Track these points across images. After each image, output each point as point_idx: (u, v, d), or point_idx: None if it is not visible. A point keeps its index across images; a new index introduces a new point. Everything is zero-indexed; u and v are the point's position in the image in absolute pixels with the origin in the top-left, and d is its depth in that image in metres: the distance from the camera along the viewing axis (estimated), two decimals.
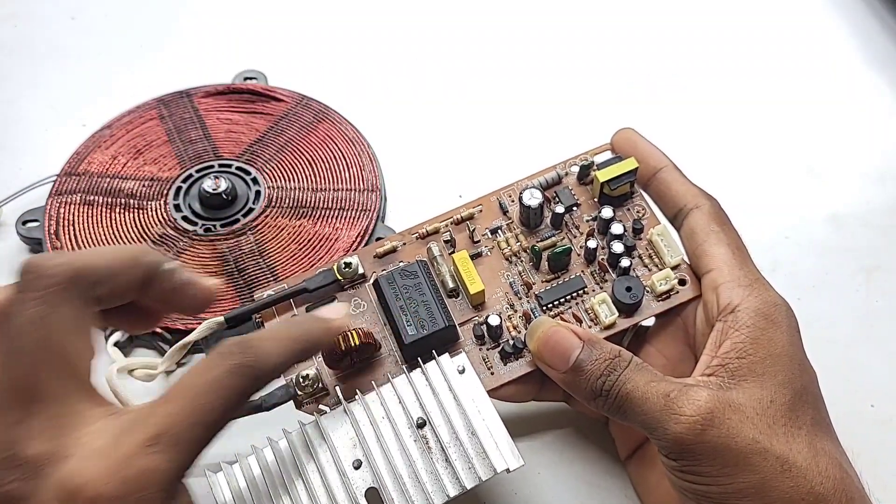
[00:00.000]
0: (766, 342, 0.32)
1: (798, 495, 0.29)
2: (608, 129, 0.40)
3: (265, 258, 0.45)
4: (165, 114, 0.52)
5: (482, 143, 0.53)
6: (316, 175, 0.49)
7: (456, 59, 0.58)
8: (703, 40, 0.59)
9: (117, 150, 0.50)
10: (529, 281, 0.37)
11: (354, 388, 0.34)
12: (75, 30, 0.59)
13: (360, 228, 0.47)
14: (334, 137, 0.51)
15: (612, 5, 0.61)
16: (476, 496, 0.38)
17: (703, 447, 0.30)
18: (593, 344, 0.32)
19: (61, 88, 0.56)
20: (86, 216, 0.47)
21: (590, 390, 0.32)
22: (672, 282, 0.36)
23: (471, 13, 0.61)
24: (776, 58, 0.57)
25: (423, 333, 0.34)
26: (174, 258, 0.31)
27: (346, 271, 0.36)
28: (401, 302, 0.35)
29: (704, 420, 0.30)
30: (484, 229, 0.38)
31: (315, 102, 0.53)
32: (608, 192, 0.38)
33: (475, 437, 0.32)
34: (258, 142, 0.51)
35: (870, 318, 0.44)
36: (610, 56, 0.58)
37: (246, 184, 0.49)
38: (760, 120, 0.54)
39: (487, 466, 0.32)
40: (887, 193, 0.50)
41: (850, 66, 0.57)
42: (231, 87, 0.54)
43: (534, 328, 0.34)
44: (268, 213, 0.47)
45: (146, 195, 0.48)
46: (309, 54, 0.58)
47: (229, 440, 0.37)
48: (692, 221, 0.36)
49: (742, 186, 0.50)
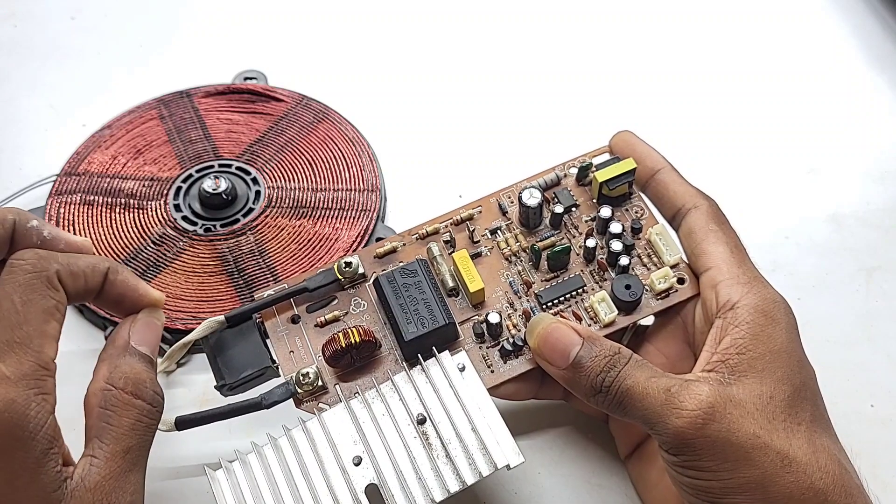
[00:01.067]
0: (765, 338, 0.32)
1: (798, 490, 0.30)
2: (607, 129, 0.40)
3: (265, 258, 0.45)
4: (165, 114, 0.52)
5: (482, 143, 0.53)
6: (316, 175, 0.49)
7: (456, 60, 0.58)
8: (702, 40, 0.59)
9: (117, 150, 0.50)
10: (529, 280, 0.37)
11: (355, 386, 0.34)
12: (75, 30, 0.59)
13: (360, 228, 0.47)
14: (334, 137, 0.51)
15: (611, 5, 0.61)
16: (476, 496, 0.38)
17: (704, 441, 0.30)
18: (593, 341, 0.32)
19: (61, 88, 0.56)
20: (86, 216, 0.47)
21: (589, 387, 0.32)
22: (671, 280, 0.36)
23: (470, 14, 0.61)
24: (776, 58, 0.57)
25: (423, 331, 0.34)
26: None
27: (346, 271, 0.36)
28: (401, 300, 0.35)
29: (705, 414, 0.30)
30: (483, 230, 0.38)
31: (315, 102, 0.53)
32: (607, 193, 0.38)
33: (476, 433, 0.32)
34: (258, 142, 0.51)
35: (870, 318, 0.44)
36: (609, 56, 0.58)
37: (246, 184, 0.48)
38: (760, 120, 0.54)
39: (488, 462, 0.32)
40: (887, 193, 0.50)
41: (850, 66, 0.57)
42: (231, 88, 0.54)
43: (533, 325, 0.34)
44: (268, 214, 0.47)
45: (146, 195, 0.48)
46: (309, 54, 0.58)
47: (230, 438, 0.37)
48: (690, 221, 0.36)
49: (742, 186, 0.50)
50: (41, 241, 0.32)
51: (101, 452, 0.29)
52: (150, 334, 0.33)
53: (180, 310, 0.43)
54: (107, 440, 0.29)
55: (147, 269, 0.45)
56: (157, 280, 0.44)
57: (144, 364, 0.31)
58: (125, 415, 0.30)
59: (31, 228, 0.32)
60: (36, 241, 0.32)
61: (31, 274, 0.29)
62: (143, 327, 0.32)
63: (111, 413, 0.30)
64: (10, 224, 0.32)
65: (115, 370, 0.31)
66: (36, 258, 0.30)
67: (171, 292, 0.43)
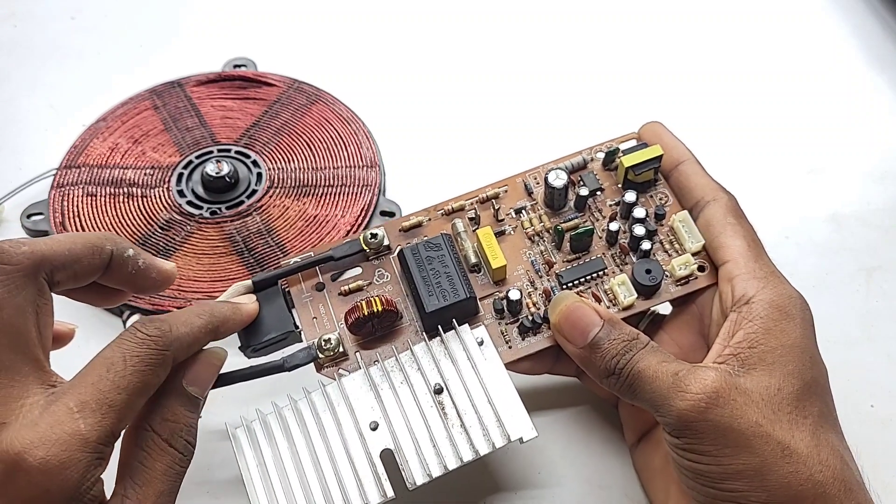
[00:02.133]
0: (778, 333, 0.32)
1: (797, 481, 0.30)
2: (606, 129, 0.40)
3: (273, 236, 0.46)
4: (159, 104, 0.53)
5: (477, 118, 0.53)
6: (315, 155, 0.50)
7: (442, 34, 0.58)
8: (703, 40, 0.59)
9: (115, 141, 0.51)
10: (551, 260, 0.37)
11: (375, 354, 0.35)
12: (75, 30, 0.59)
13: (364, 202, 0.47)
14: (329, 118, 0.52)
15: (612, 6, 0.61)
16: (476, 496, 0.38)
17: (706, 425, 0.30)
18: (613, 324, 0.33)
19: (61, 88, 0.56)
20: (90, 207, 0.47)
21: (604, 368, 0.32)
22: (692, 267, 0.36)
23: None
24: (776, 57, 0.57)
25: (445, 303, 0.35)
26: (135, 245, 0.33)
27: (371, 242, 0.37)
28: (424, 273, 0.35)
29: (709, 398, 0.30)
30: (508, 209, 0.39)
31: (307, 85, 0.54)
32: (632, 178, 0.38)
33: (491, 405, 0.33)
34: (254, 126, 0.51)
35: (870, 318, 0.44)
36: (609, 56, 0.58)
37: (247, 167, 0.49)
38: (761, 119, 0.54)
39: (502, 434, 0.32)
40: (887, 193, 0.50)
41: (850, 66, 0.57)
42: (222, 75, 0.54)
43: (557, 301, 0.35)
44: (271, 195, 0.48)
45: (148, 183, 0.48)
46: (297, 40, 0.59)
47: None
48: (709, 213, 0.37)
49: (742, 186, 0.50)
50: (135, 270, 0.33)
51: (133, 493, 0.29)
52: (206, 375, 0.32)
53: (195, 290, 0.44)
54: (139, 481, 0.29)
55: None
56: None
57: (188, 407, 0.31)
58: (158, 459, 0.30)
59: (127, 258, 0.33)
60: (131, 271, 0.33)
61: (154, 351, 0.29)
62: (201, 367, 0.32)
63: (146, 454, 0.30)
64: (108, 254, 0.32)
65: (156, 410, 0.30)
66: (161, 339, 0.29)
67: (184, 274, 0.44)
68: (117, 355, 0.29)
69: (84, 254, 0.31)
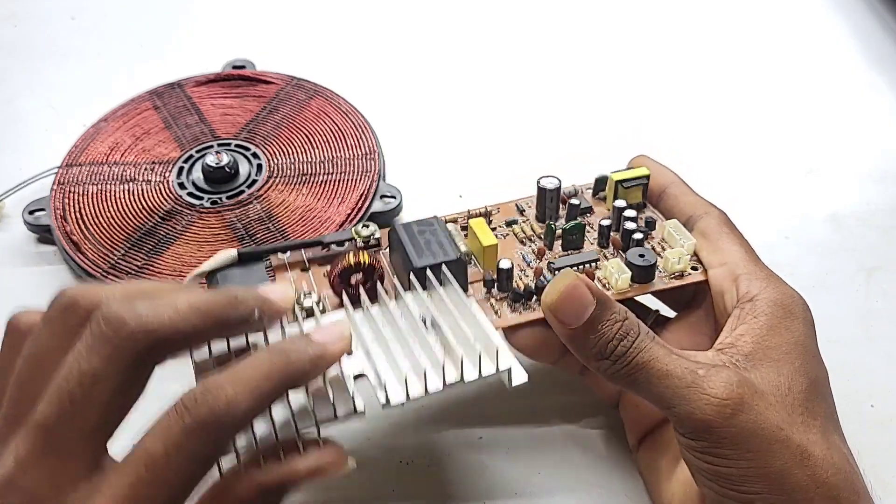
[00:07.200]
0: (782, 329, 0.32)
1: (813, 484, 0.30)
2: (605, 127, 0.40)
3: (274, 222, 0.46)
4: (159, 104, 0.53)
5: (472, 110, 0.54)
6: (315, 146, 0.50)
7: (440, 31, 0.59)
8: (703, 40, 0.59)
9: (116, 139, 0.51)
10: (543, 250, 0.37)
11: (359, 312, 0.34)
12: (75, 30, 0.60)
13: (364, 187, 0.48)
14: (328, 111, 0.52)
15: (613, 8, 0.61)
16: (476, 496, 0.38)
17: (730, 431, 0.29)
18: (605, 302, 0.31)
19: (61, 88, 0.56)
20: (92, 201, 0.48)
21: (598, 351, 0.31)
22: (685, 259, 0.36)
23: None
24: (776, 58, 0.57)
25: (433, 261, 0.34)
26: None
27: (361, 231, 0.37)
28: (414, 241, 0.35)
29: (735, 405, 0.29)
30: (500, 222, 0.39)
31: (306, 82, 0.54)
32: (622, 196, 0.38)
33: (479, 341, 0.31)
34: (254, 120, 0.52)
35: (870, 318, 0.44)
36: (609, 56, 0.58)
37: (247, 159, 0.50)
38: (760, 120, 0.54)
39: (491, 364, 0.31)
40: (887, 193, 0.50)
41: (850, 66, 0.57)
42: (221, 75, 0.55)
43: (558, 279, 0.32)
44: (271, 185, 0.48)
45: (149, 177, 0.49)
46: (295, 39, 0.59)
47: None
48: (703, 225, 0.37)
49: (742, 186, 0.50)
50: None
51: None
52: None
53: None
54: None
55: (158, 242, 0.45)
56: (171, 251, 0.45)
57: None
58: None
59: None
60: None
61: (205, 442, 0.25)
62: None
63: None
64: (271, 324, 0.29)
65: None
66: (216, 425, 0.25)
67: (186, 262, 0.44)
68: (162, 452, 0.24)
69: (207, 328, 0.27)
